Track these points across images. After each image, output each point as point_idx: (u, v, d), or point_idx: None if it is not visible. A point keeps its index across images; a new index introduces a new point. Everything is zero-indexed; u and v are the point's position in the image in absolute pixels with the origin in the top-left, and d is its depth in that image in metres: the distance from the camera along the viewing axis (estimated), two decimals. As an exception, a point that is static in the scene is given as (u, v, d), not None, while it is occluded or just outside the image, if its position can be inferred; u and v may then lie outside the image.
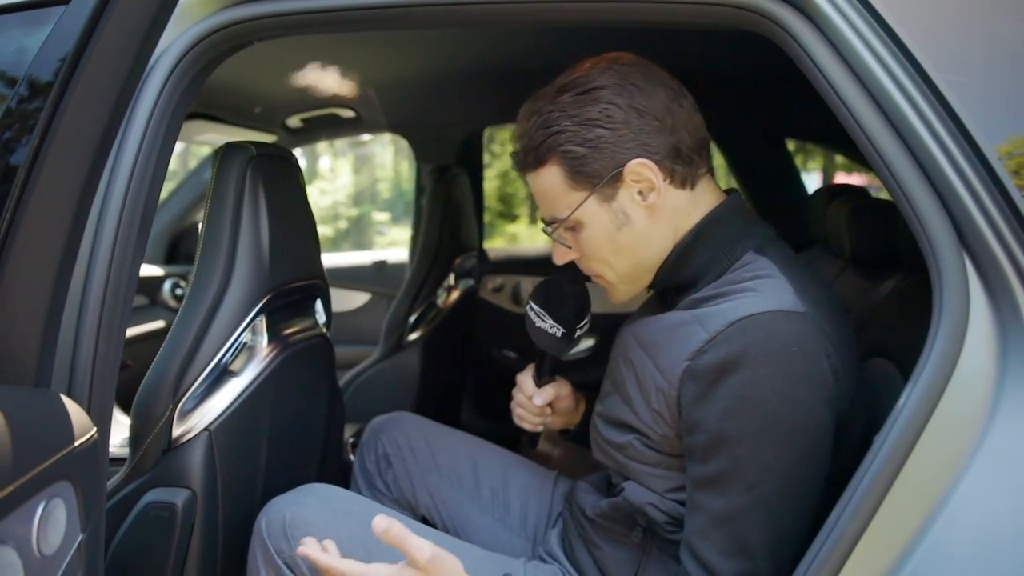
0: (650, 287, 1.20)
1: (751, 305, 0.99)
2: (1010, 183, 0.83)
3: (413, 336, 2.48)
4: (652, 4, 1.01)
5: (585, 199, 1.10)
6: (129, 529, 1.23)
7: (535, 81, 1.17)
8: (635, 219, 1.12)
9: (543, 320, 1.26)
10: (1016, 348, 0.82)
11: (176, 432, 1.27)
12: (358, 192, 14.53)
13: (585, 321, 1.29)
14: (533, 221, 14.51)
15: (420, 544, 0.99)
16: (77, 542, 0.79)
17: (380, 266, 3.44)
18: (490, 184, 13.84)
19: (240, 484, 1.35)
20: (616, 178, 1.09)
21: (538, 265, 3.14)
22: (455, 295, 2.67)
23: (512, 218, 13.90)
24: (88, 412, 0.88)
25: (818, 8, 0.92)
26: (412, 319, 2.47)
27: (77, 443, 0.78)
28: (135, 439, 1.25)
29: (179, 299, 2.98)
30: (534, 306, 1.29)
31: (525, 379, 1.37)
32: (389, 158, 14.83)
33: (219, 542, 1.30)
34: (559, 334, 1.25)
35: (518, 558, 1.29)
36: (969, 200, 0.85)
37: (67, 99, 0.72)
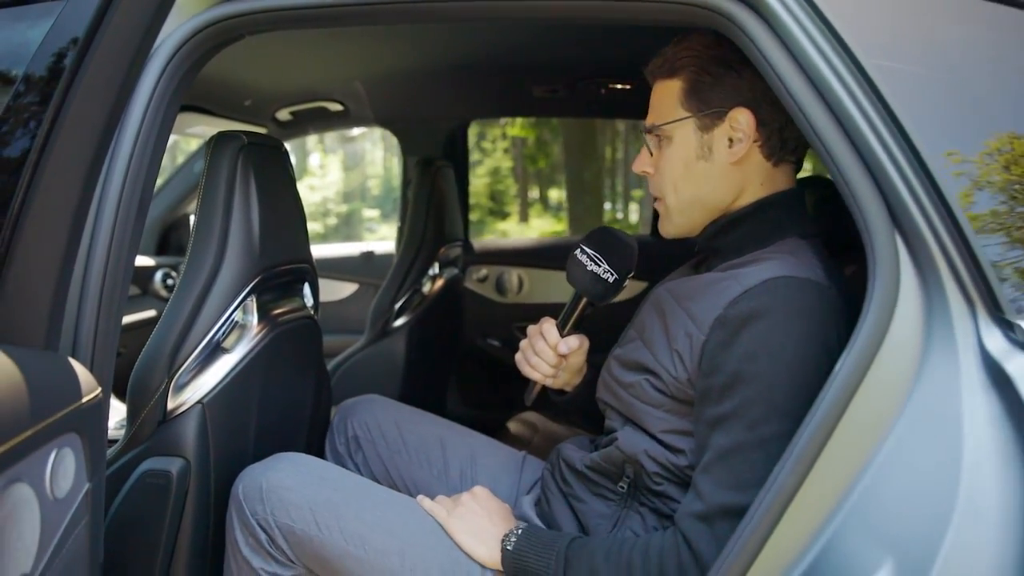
0: (696, 244, 1.31)
1: (784, 269, 1.12)
2: (938, 172, 0.91)
3: (398, 322, 2.54)
4: (618, 3, 1.09)
5: (686, 118, 1.22)
6: (127, 496, 1.29)
7: (517, 78, 1.25)
8: (715, 158, 1.23)
9: (597, 264, 1.31)
10: (940, 317, 0.90)
11: (171, 405, 1.33)
12: (348, 189, 14.57)
13: (631, 273, 1.35)
14: (524, 219, 14.56)
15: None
16: (84, 490, 0.86)
17: (368, 257, 3.49)
18: (480, 181, 13.88)
19: (231, 454, 1.41)
20: (719, 116, 1.21)
21: (522, 256, 3.21)
22: (440, 283, 2.74)
23: (503, 215, 13.94)
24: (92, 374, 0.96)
25: (769, 7, 0.99)
26: (398, 306, 2.53)
27: (84, 400, 0.85)
28: (132, 411, 1.32)
29: (170, 289, 3.04)
30: (588, 249, 1.33)
31: (549, 327, 1.39)
32: (379, 155, 14.87)
33: (211, 508, 1.37)
34: (611, 279, 1.30)
35: None
36: (901, 186, 0.93)
37: (76, 86, 0.79)
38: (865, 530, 0.88)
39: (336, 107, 2.67)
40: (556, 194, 14.30)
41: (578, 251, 1.33)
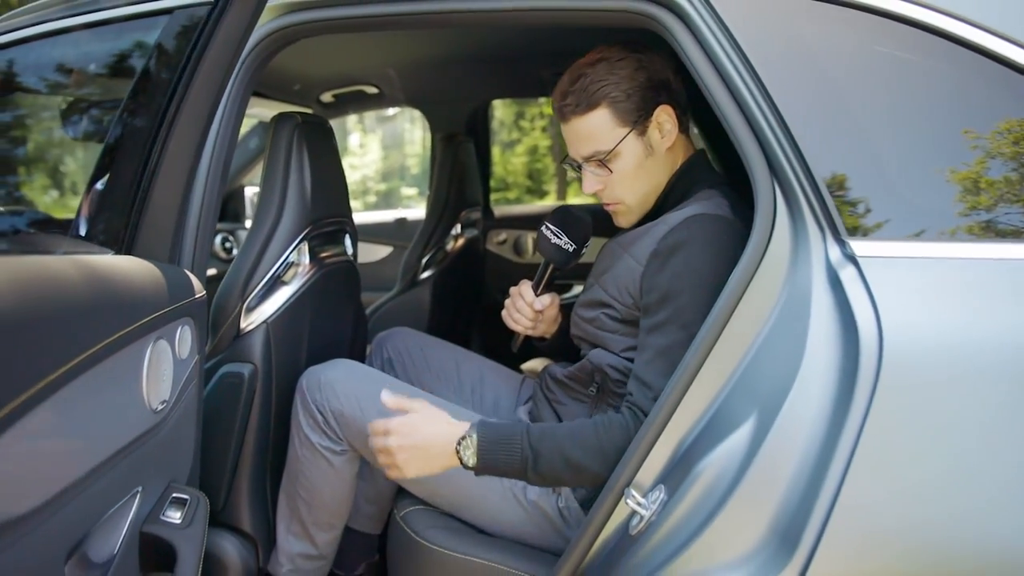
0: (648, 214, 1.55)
1: (699, 209, 1.41)
2: (801, 139, 1.17)
3: (425, 275, 2.86)
4: (569, 12, 1.36)
5: (627, 134, 1.45)
6: (211, 391, 1.62)
7: (527, 63, 1.54)
8: (656, 151, 1.48)
9: (558, 237, 1.58)
10: (801, 239, 1.18)
11: (243, 323, 1.66)
12: (387, 168, 14.78)
13: (588, 242, 1.61)
14: (561, 197, 14.41)
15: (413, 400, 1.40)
16: (195, 360, 1.24)
17: (401, 222, 3.76)
18: (519, 160, 13.89)
19: (288, 364, 1.73)
20: (648, 118, 1.45)
21: (537, 221, 3.51)
22: (461, 242, 3.04)
23: (541, 194, 13.89)
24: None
25: (687, 13, 1.25)
26: (424, 261, 2.85)
27: (195, 296, 1.23)
28: (213, 328, 1.65)
29: (228, 251, 3.35)
30: (551, 226, 1.59)
31: (525, 288, 1.66)
32: (418, 134, 15.03)
33: (272, 403, 1.69)
34: (571, 249, 1.58)
35: None
36: (777, 149, 1.18)
37: (197, 75, 1.15)
38: (744, 392, 1.18)
39: (372, 90, 2.91)
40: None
41: (543, 227, 1.61)
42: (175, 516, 1.13)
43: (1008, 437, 1.02)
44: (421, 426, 1.38)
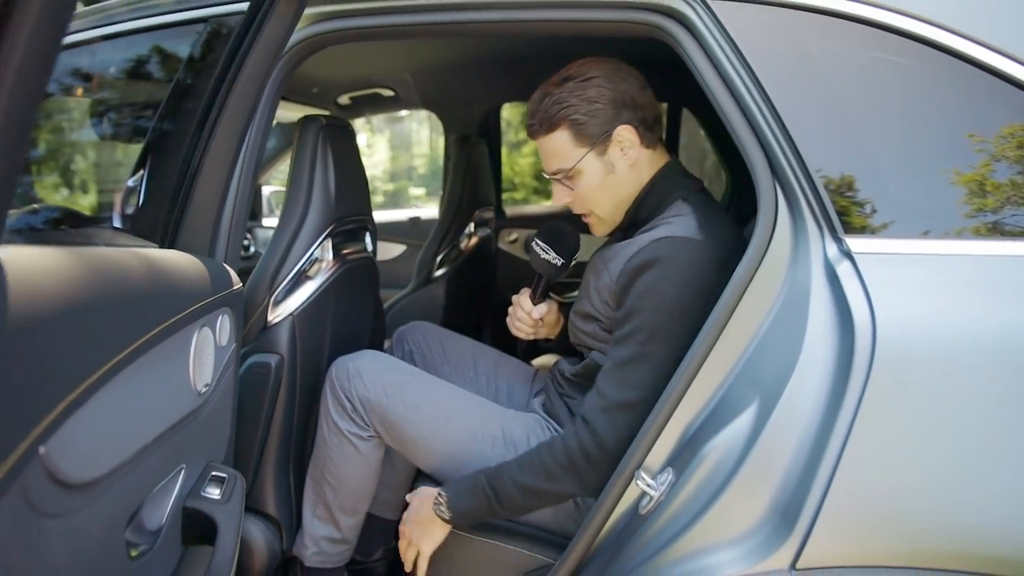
0: (621, 225, 1.62)
1: (666, 231, 1.45)
2: (802, 144, 1.24)
3: (439, 272, 2.94)
4: (582, 23, 1.43)
5: (586, 154, 1.52)
6: (240, 380, 1.64)
7: (537, 68, 1.60)
8: (618, 169, 1.54)
9: (547, 253, 1.69)
10: (801, 237, 1.25)
11: (270, 316, 1.73)
12: (394, 168, 14.86)
13: (576, 254, 1.71)
14: None
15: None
16: (232, 348, 1.32)
17: (414, 221, 3.84)
18: (525, 161, 13.95)
19: (312, 355, 1.81)
20: (607, 138, 1.51)
21: (546, 220, 3.58)
22: (474, 240, 3.12)
23: (548, 195, 13.95)
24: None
25: (693, 24, 1.32)
26: (439, 258, 2.94)
27: (234, 288, 1.31)
28: (243, 319, 1.75)
29: (246, 248, 3.41)
30: (539, 242, 1.70)
31: (523, 298, 1.77)
32: (425, 135, 15.09)
33: (297, 392, 1.76)
34: (558, 263, 1.69)
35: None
36: (779, 153, 1.25)
37: (238, 81, 1.24)
38: (747, 381, 1.25)
39: (388, 93, 2.97)
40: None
41: (534, 243, 1.71)
42: (215, 492, 1.21)
43: (995, 424, 1.09)
44: (410, 508, 1.62)
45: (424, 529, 1.57)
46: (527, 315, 1.77)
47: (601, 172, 1.55)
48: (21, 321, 0.62)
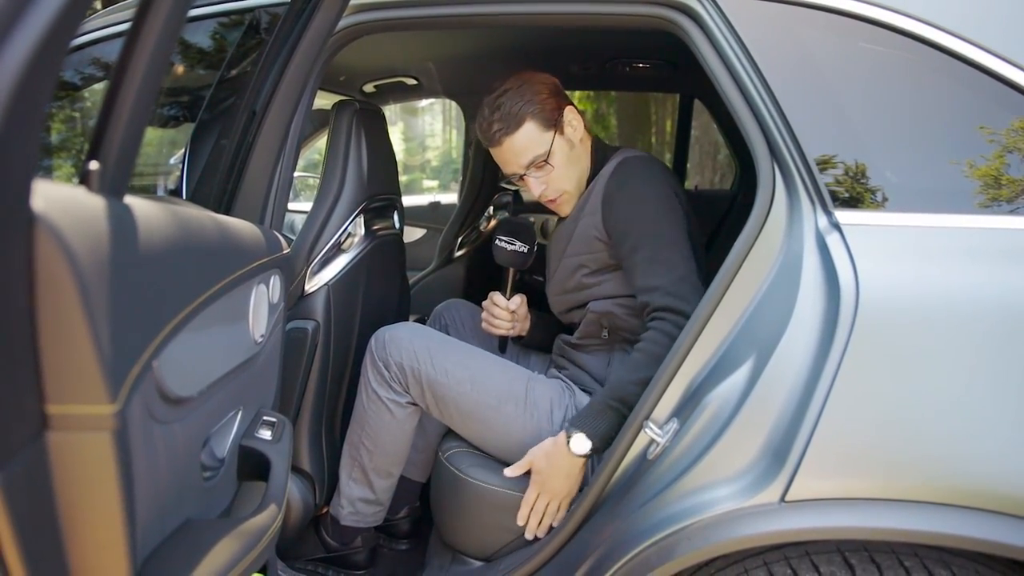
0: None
1: (623, 155, 1.79)
2: (798, 128, 1.37)
3: (459, 253, 3.09)
4: (601, 16, 1.56)
5: (553, 136, 1.78)
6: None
7: (557, 58, 1.74)
8: (575, 144, 1.82)
9: (512, 244, 1.90)
10: (795, 211, 1.38)
11: (307, 285, 1.88)
12: (408, 160, 14.97)
13: (536, 241, 1.94)
14: None
15: None
16: (281, 307, 1.47)
17: (435, 206, 3.97)
18: None
19: (345, 322, 1.96)
20: (561, 119, 1.79)
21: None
22: (493, 223, 3.26)
23: None
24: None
25: (702, 19, 1.45)
26: (460, 240, 3.08)
27: (284, 252, 1.46)
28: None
29: None
30: (503, 237, 1.91)
31: (498, 297, 2.00)
32: (439, 127, 15.19)
33: (331, 355, 1.91)
34: (525, 251, 1.90)
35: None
36: (777, 136, 1.38)
37: (290, 65, 1.38)
38: (746, 338, 1.38)
39: (412, 82, 3.10)
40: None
41: (497, 240, 1.91)
42: (267, 434, 1.36)
43: (963, 372, 1.21)
44: (539, 466, 1.65)
45: (570, 477, 1.62)
46: (504, 310, 1.97)
47: (567, 149, 1.80)
48: (144, 253, 0.77)
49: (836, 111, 1.40)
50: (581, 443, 1.59)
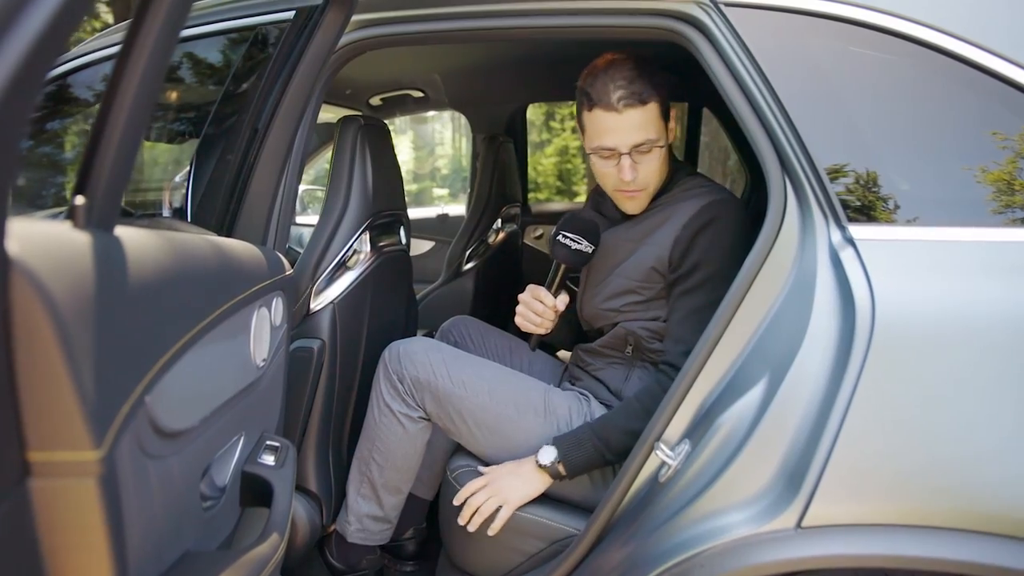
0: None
1: (711, 196, 1.70)
2: (809, 141, 1.34)
3: (468, 266, 3.06)
4: (608, 28, 1.53)
5: (666, 126, 1.72)
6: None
7: (562, 69, 1.71)
8: (670, 146, 1.78)
9: (578, 243, 1.75)
10: (808, 225, 1.34)
11: (312, 304, 1.85)
12: (418, 168, 14.99)
13: (599, 240, 1.80)
14: None
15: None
16: (284, 329, 1.45)
17: (443, 218, 3.95)
18: (548, 161, 13.98)
19: (351, 340, 1.93)
20: (670, 118, 1.74)
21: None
22: (501, 236, 3.23)
23: (572, 195, 13.93)
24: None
25: (709, 29, 1.42)
26: (468, 253, 3.05)
27: (287, 273, 1.43)
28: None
29: None
30: (569, 234, 1.76)
31: (543, 292, 1.80)
32: (449, 135, 15.23)
33: (337, 375, 1.88)
34: (590, 251, 1.76)
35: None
36: (788, 150, 1.35)
37: (291, 83, 1.36)
38: (759, 357, 1.34)
39: (418, 94, 3.08)
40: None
41: (560, 236, 1.75)
42: (270, 459, 1.33)
43: (983, 392, 1.18)
44: (503, 465, 1.70)
45: (523, 481, 1.65)
46: (550, 308, 1.81)
47: (665, 148, 1.74)
48: (134, 287, 0.74)
49: (848, 122, 1.37)
50: (548, 453, 1.63)
